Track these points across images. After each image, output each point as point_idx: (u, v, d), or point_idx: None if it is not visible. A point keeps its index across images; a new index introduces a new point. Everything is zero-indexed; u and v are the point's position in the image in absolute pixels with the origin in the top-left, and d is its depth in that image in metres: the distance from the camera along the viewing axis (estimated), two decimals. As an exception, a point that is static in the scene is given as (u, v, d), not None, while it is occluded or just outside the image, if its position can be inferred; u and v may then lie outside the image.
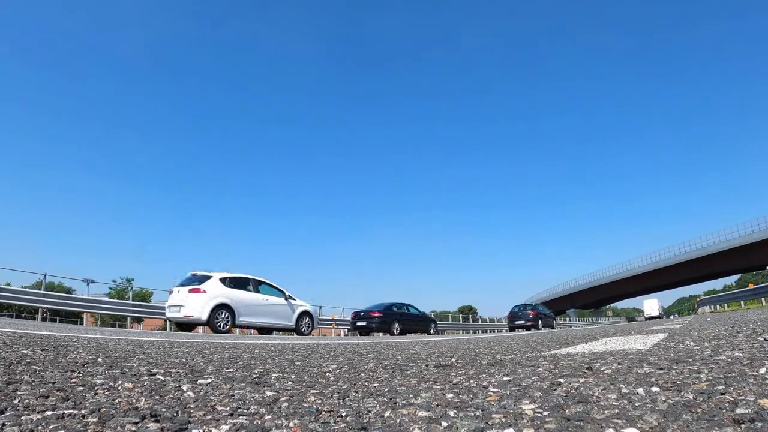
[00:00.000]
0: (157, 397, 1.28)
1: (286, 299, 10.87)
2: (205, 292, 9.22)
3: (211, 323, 9.12)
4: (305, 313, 11.22)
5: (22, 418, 0.99)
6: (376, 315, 15.35)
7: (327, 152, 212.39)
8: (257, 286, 10.48)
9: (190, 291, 9.26)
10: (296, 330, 10.95)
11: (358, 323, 15.38)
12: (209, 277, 9.56)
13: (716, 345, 2.66)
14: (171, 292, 9.83)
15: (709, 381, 1.37)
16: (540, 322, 20.78)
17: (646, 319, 46.36)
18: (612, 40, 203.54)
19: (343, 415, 1.10)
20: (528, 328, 20.00)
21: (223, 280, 9.68)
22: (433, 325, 17.14)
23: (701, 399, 1.11)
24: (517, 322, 21.18)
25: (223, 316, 9.33)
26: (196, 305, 9.02)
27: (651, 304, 52.93)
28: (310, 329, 11.27)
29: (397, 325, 15.43)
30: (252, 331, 12.06)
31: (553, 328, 21.60)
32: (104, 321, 23.55)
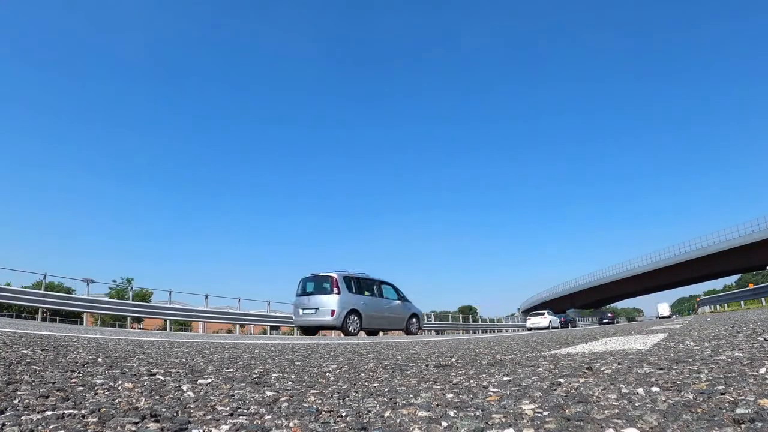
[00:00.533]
0: (157, 397, 1.28)
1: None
2: None
3: None
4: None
5: (22, 418, 0.99)
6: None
7: (327, 152, 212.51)
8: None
9: None
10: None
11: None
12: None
13: (716, 345, 2.66)
14: None
15: (709, 381, 1.37)
16: (615, 319, 41.49)
17: (659, 318, 57.80)
18: (612, 40, 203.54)
19: (343, 415, 1.09)
20: (608, 323, 34.48)
21: None
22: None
23: (701, 399, 1.11)
24: (604, 321, 41.08)
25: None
26: None
27: (663, 307, 65.44)
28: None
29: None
30: (252, 330, 12.55)
31: (618, 323, 35.38)
32: (104, 321, 23.54)
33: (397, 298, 11.64)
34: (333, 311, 9.70)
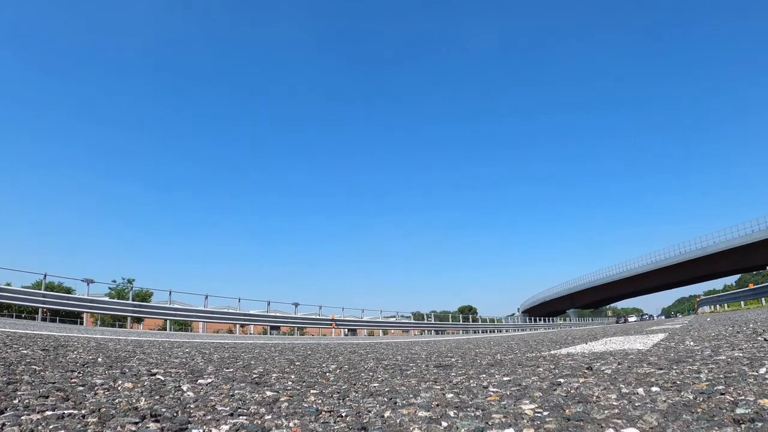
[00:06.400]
0: (157, 397, 1.28)
1: None
2: None
3: None
4: None
5: (22, 418, 0.99)
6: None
7: (327, 153, 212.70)
8: None
9: None
10: None
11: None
12: None
13: (716, 345, 2.66)
14: None
15: (709, 381, 1.37)
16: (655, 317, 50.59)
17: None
18: (620, 42, 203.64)
19: (343, 415, 1.10)
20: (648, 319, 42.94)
21: None
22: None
23: (701, 399, 1.11)
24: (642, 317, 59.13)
25: None
26: None
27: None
28: None
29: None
30: (252, 330, 13.00)
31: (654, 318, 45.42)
32: (104, 321, 23.54)
33: None
34: None
